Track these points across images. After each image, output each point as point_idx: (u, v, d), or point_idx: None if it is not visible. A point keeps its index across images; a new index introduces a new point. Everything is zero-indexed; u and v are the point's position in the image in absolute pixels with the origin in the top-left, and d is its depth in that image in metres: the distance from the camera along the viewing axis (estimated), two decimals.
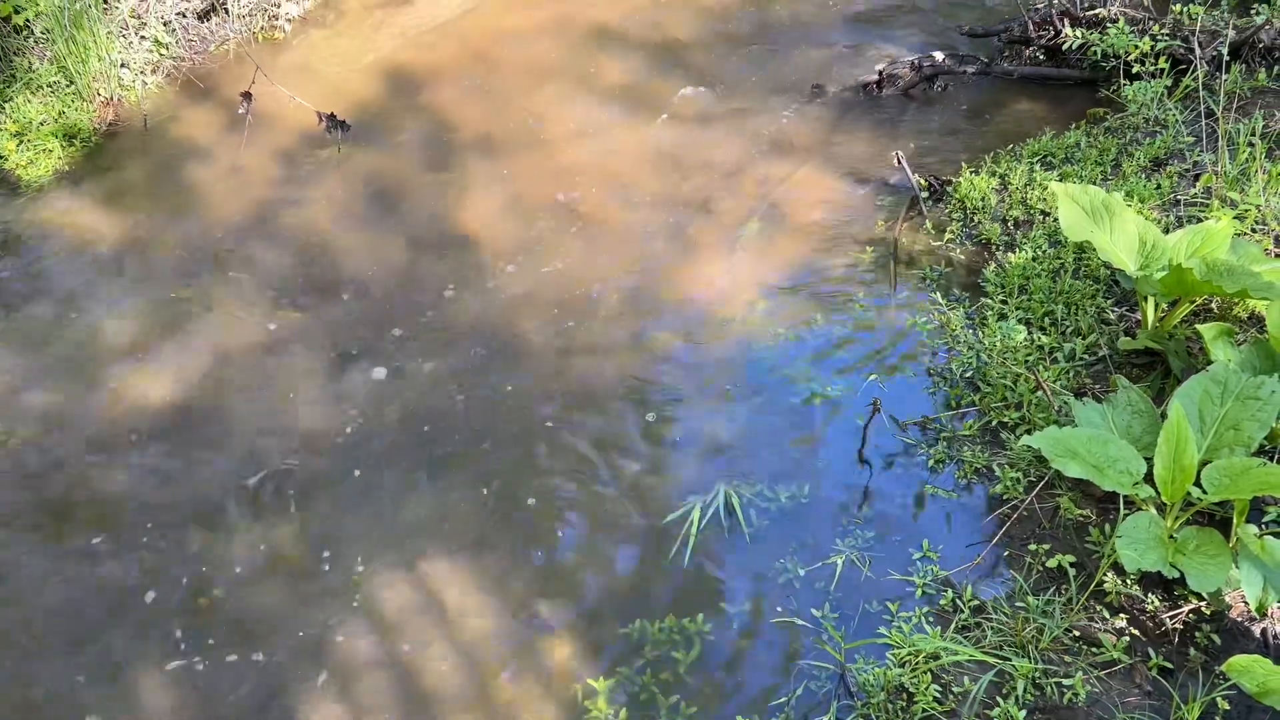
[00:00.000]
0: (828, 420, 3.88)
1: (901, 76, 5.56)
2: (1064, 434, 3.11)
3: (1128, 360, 3.79)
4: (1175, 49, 5.01)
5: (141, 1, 5.83)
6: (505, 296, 4.46)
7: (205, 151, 5.31)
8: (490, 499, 3.66)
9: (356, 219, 4.89)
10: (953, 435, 3.72)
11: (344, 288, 4.53)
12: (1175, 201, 4.34)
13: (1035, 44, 5.57)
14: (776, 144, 5.26)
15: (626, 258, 4.63)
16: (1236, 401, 3.09)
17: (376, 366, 4.17)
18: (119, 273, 4.63)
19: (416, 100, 5.65)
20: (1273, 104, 4.81)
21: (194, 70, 5.84)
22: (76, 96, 5.39)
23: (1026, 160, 4.84)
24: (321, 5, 6.44)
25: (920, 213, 4.73)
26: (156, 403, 4.05)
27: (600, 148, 5.28)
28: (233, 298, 4.49)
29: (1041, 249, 4.29)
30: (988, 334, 3.98)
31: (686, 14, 6.33)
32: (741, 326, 4.28)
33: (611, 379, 4.09)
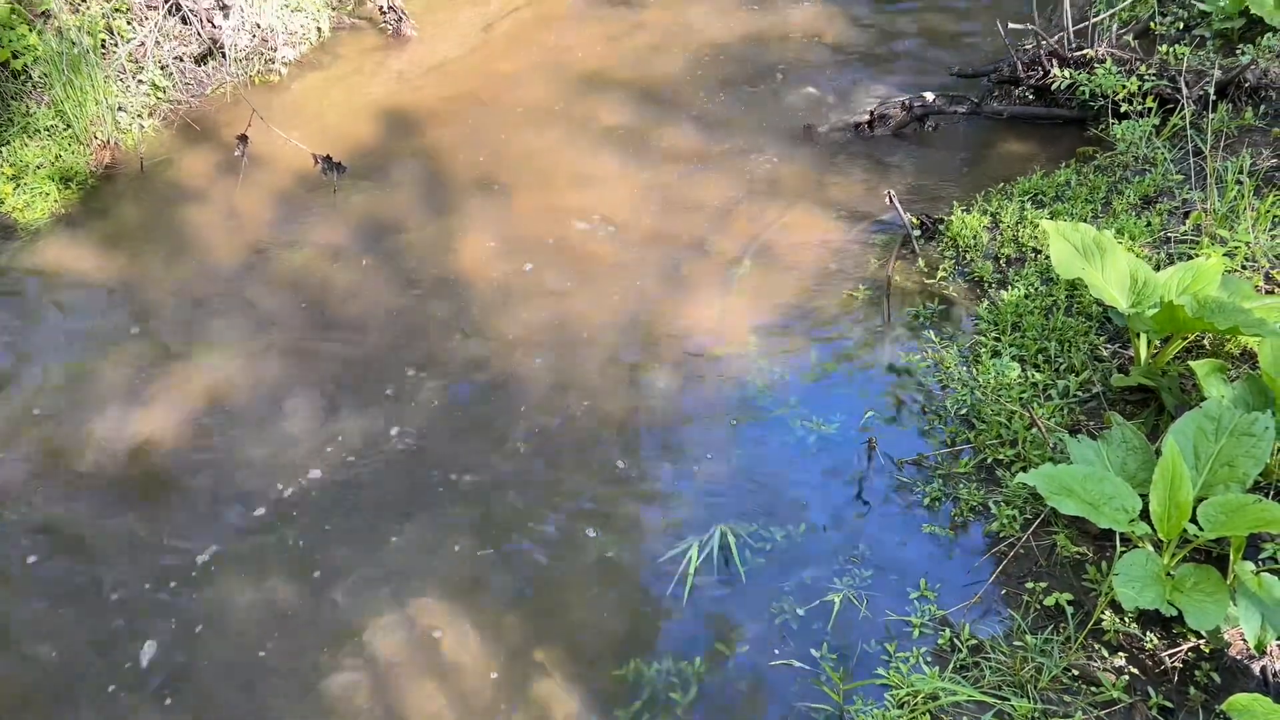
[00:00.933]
0: (823, 458, 3.87)
1: (893, 116, 5.62)
2: (1059, 471, 3.11)
3: (1121, 397, 3.79)
4: (1162, 89, 5.07)
5: (139, 46, 5.89)
6: (499, 335, 4.47)
7: (201, 193, 5.34)
8: (485, 539, 3.64)
9: (352, 260, 4.91)
10: (948, 473, 3.71)
11: (339, 328, 4.54)
12: (1165, 239, 4.37)
13: (1024, 84, 5.63)
14: (769, 183, 5.30)
15: (621, 296, 4.64)
16: (1231, 438, 3.10)
17: (371, 407, 4.16)
18: (113, 315, 4.64)
19: (412, 142, 5.69)
20: (1259, 142, 4.86)
21: (191, 113, 5.88)
22: (74, 140, 5.42)
23: (1017, 198, 4.87)
24: (318, 49, 6.50)
25: (913, 251, 4.76)
26: (147, 444, 4.04)
27: (594, 188, 5.31)
28: (227, 339, 4.49)
29: (1034, 286, 4.31)
30: (982, 371, 3.99)
31: (679, 57, 6.39)
32: (736, 364, 4.29)
33: (607, 417, 4.09)
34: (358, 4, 6.93)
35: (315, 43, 6.53)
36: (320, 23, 6.57)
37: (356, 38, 6.65)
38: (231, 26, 6.12)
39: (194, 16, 6.07)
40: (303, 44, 6.45)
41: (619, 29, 6.73)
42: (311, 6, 6.52)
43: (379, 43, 6.60)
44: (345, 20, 6.78)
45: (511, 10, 6.92)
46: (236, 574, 3.57)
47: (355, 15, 6.84)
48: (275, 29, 6.25)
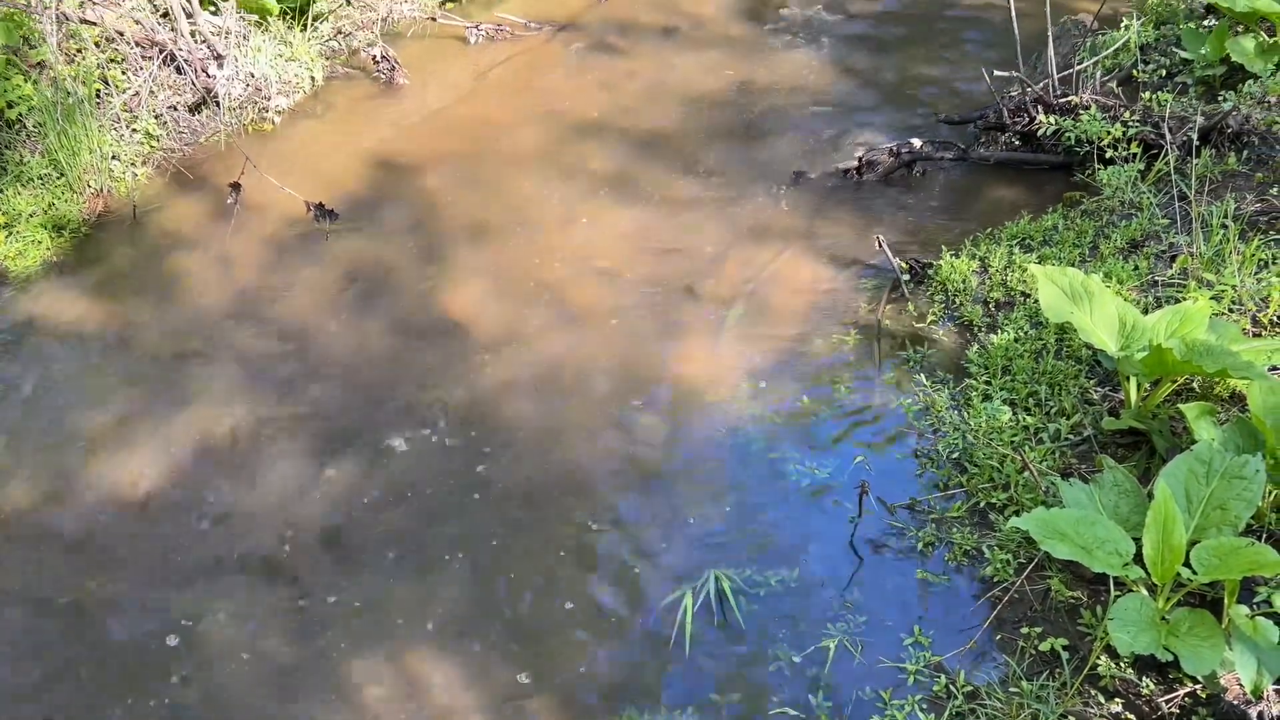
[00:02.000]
0: (816, 503, 3.87)
1: (881, 162, 5.68)
2: (1052, 515, 3.11)
3: (1112, 440, 3.80)
4: (1146, 134, 5.14)
5: (134, 95, 5.94)
6: (491, 381, 4.47)
7: (193, 241, 5.35)
8: (476, 587, 3.61)
9: (343, 307, 4.91)
10: (941, 517, 3.71)
11: (329, 375, 4.53)
12: (1153, 282, 4.41)
13: (1010, 130, 5.70)
14: (759, 229, 5.34)
15: (612, 342, 4.65)
16: (1222, 480, 3.10)
17: (361, 454, 4.15)
18: (103, 363, 4.63)
19: (404, 189, 5.73)
20: (1243, 187, 4.92)
21: (184, 161, 5.92)
22: (67, 188, 5.44)
23: (1005, 243, 4.92)
24: (311, 98, 6.56)
25: (902, 295, 4.79)
26: (136, 494, 4.01)
27: (586, 234, 5.35)
28: (217, 387, 4.48)
29: (1023, 330, 4.33)
30: (973, 415, 4.00)
31: (670, 105, 6.47)
32: (728, 409, 4.29)
33: (599, 463, 4.08)
34: (351, 54, 7.01)
35: (309, 91, 6.58)
36: (314, 72, 6.63)
37: (350, 87, 6.72)
38: (225, 76, 6.17)
39: (188, 67, 6.12)
40: (296, 93, 6.50)
41: (610, 77, 6.81)
42: (305, 56, 6.59)
43: (372, 91, 6.66)
44: (339, 70, 6.85)
45: (503, 59, 7.01)
46: (223, 626, 3.53)
47: (349, 65, 6.91)
48: (269, 78, 6.31)
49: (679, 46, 7.18)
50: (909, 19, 7.51)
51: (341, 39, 7.07)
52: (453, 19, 7.39)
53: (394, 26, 7.32)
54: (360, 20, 7.17)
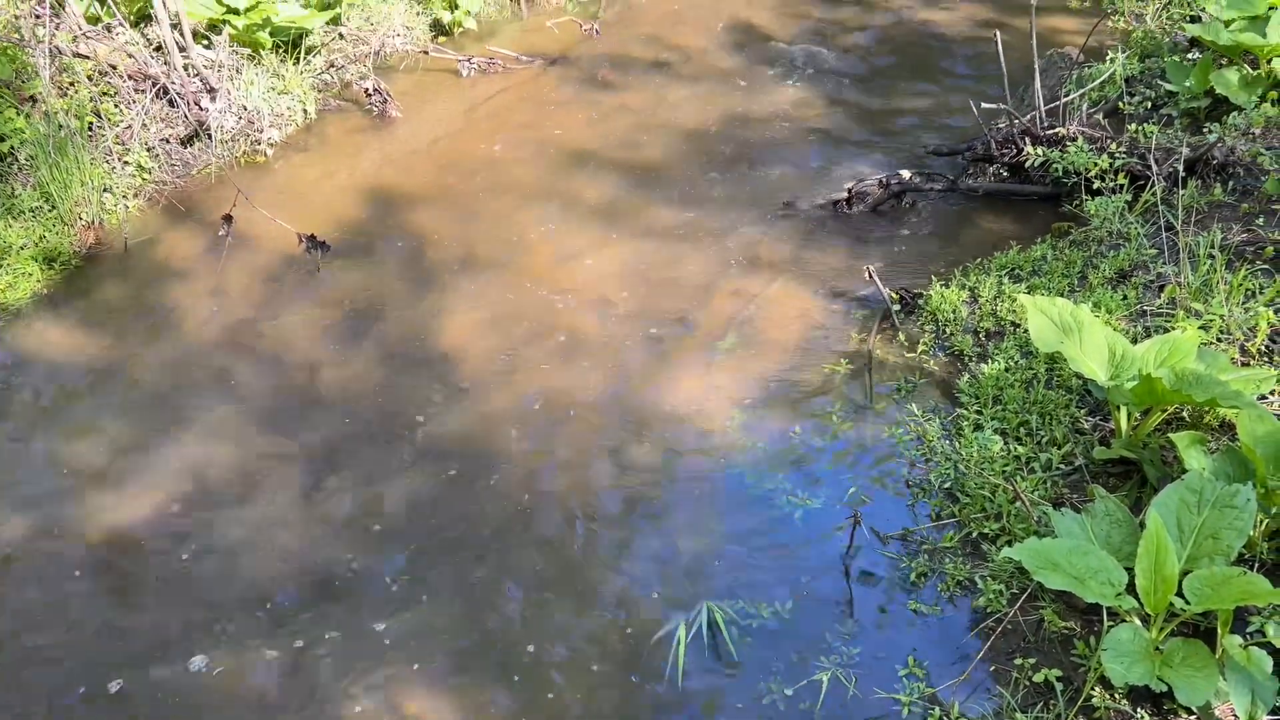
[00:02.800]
0: (809, 533, 3.86)
1: (870, 194, 5.72)
2: (1044, 545, 3.11)
3: (1103, 469, 3.81)
4: (1133, 166, 5.19)
5: (126, 129, 5.95)
6: (484, 412, 4.46)
7: (185, 273, 5.35)
8: (469, 620, 3.59)
9: (336, 338, 4.91)
10: (934, 547, 3.70)
11: (320, 407, 4.52)
12: (1142, 312, 4.43)
13: (999, 161, 5.75)
14: (750, 259, 5.36)
15: (605, 372, 4.65)
16: (1213, 510, 3.10)
17: (353, 487, 4.13)
18: (93, 395, 4.61)
19: (396, 221, 5.75)
20: (1229, 217, 4.96)
21: (176, 193, 5.93)
22: (58, 221, 5.44)
23: (995, 273, 4.94)
24: (304, 130, 6.59)
25: (893, 325, 4.81)
26: (127, 529, 3.98)
27: (578, 265, 5.36)
28: (208, 419, 4.47)
29: (1013, 360, 4.35)
30: (964, 444, 4.00)
31: (661, 137, 6.51)
32: (720, 440, 4.29)
33: (591, 495, 4.07)
34: (344, 87, 7.05)
35: (301, 124, 6.62)
36: (306, 105, 6.67)
37: (342, 119, 6.75)
38: (218, 109, 6.20)
39: (181, 100, 6.15)
40: (289, 125, 6.54)
41: (602, 110, 6.86)
42: (298, 89, 6.62)
43: (364, 124, 6.69)
44: (331, 103, 6.89)
45: (496, 92, 7.05)
46: (220, 662, 3.49)
47: (341, 98, 6.95)
48: (261, 111, 6.34)
49: (670, 80, 7.24)
50: (897, 52, 7.59)
51: (334, 72, 7.11)
52: (445, 53, 7.44)
53: (386, 60, 7.37)
54: (353, 54, 7.22)
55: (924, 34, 7.84)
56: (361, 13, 7.50)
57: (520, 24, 8.14)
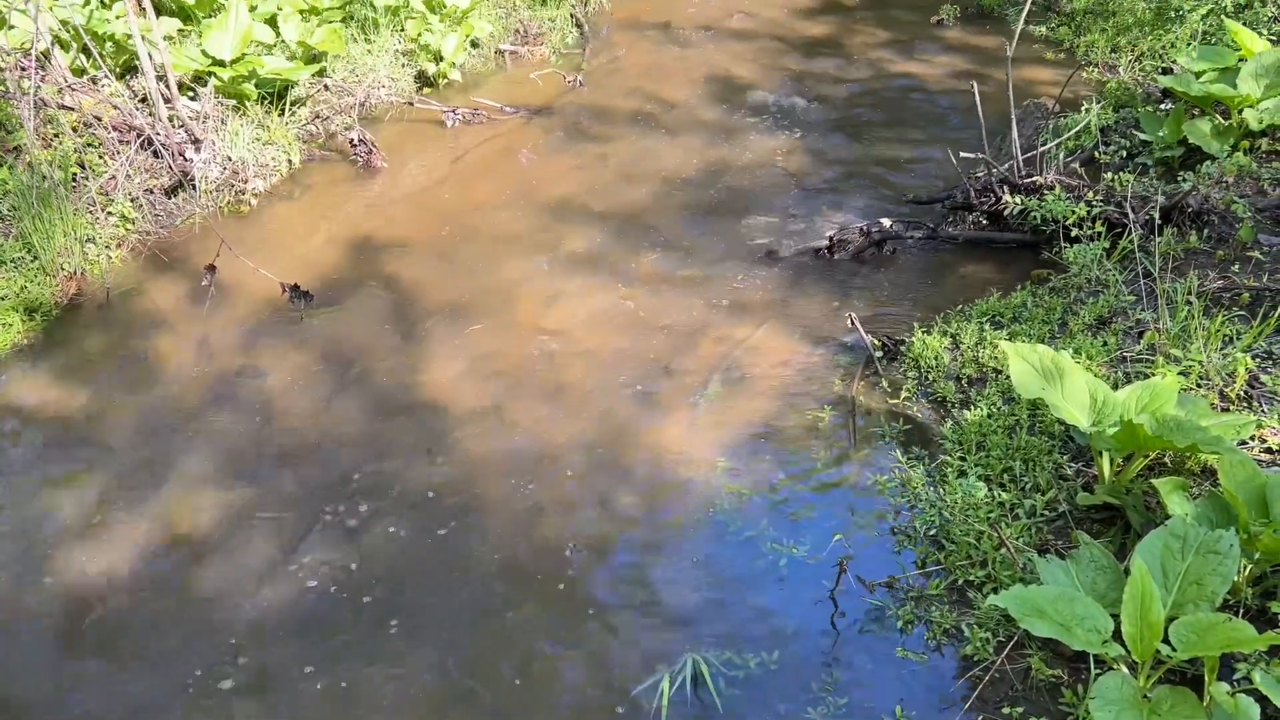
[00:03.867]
0: (794, 581, 3.84)
1: (852, 241, 5.76)
2: (1030, 593, 3.10)
3: (1087, 515, 3.81)
4: (1110, 213, 5.25)
5: (110, 179, 5.96)
6: (468, 461, 4.44)
7: (167, 323, 5.34)
8: (453, 673, 3.54)
9: (318, 388, 4.89)
10: (920, 594, 3.69)
11: (304, 458, 4.49)
12: (1122, 358, 4.47)
13: (978, 209, 5.82)
14: (734, 306, 5.39)
15: (589, 419, 4.65)
16: (1197, 556, 3.11)
17: (335, 536, 4.09)
18: (73, 447, 4.56)
19: (380, 270, 5.75)
20: (1205, 264, 5.02)
21: (159, 243, 5.93)
22: (40, 271, 5.43)
23: (976, 320, 4.98)
24: (288, 180, 6.62)
25: (876, 372, 4.83)
26: (108, 582, 3.93)
27: (563, 312, 5.37)
28: (189, 470, 4.43)
29: (996, 406, 4.37)
30: (949, 491, 4.01)
31: (645, 186, 6.57)
32: (705, 487, 4.27)
33: (575, 543, 4.04)
34: (329, 137, 7.09)
35: (286, 174, 6.64)
36: (291, 155, 6.70)
37: (327, 169, 6.78)
38: (203, 159, 6.22)
39: (165, 151, 6.17)
40: (273, 175, 6.56)
41: (586, 160, 6.92)
42: (283, 140, 6.66)
43: (349, 174, 6.73)
44: (316, 153, 6.92)
45: (480, 142, 7.11)
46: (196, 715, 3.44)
47: (326, 148, 6.99)
48: (246, 161, 6.37)
49: (653, 130, 7.32)
50: (876, 103, 7.70)
51: (319, 123, 7.16)
52: (430, 103, 7.51)
53: (372, 111, 7.43)
54: (338, 105, 7.28)
55: (903, 85, 7.97)
56: (347, 65, 7.57)
57: (505, 76, 8.23)
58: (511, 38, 8.61)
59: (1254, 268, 4.92)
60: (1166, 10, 8.04)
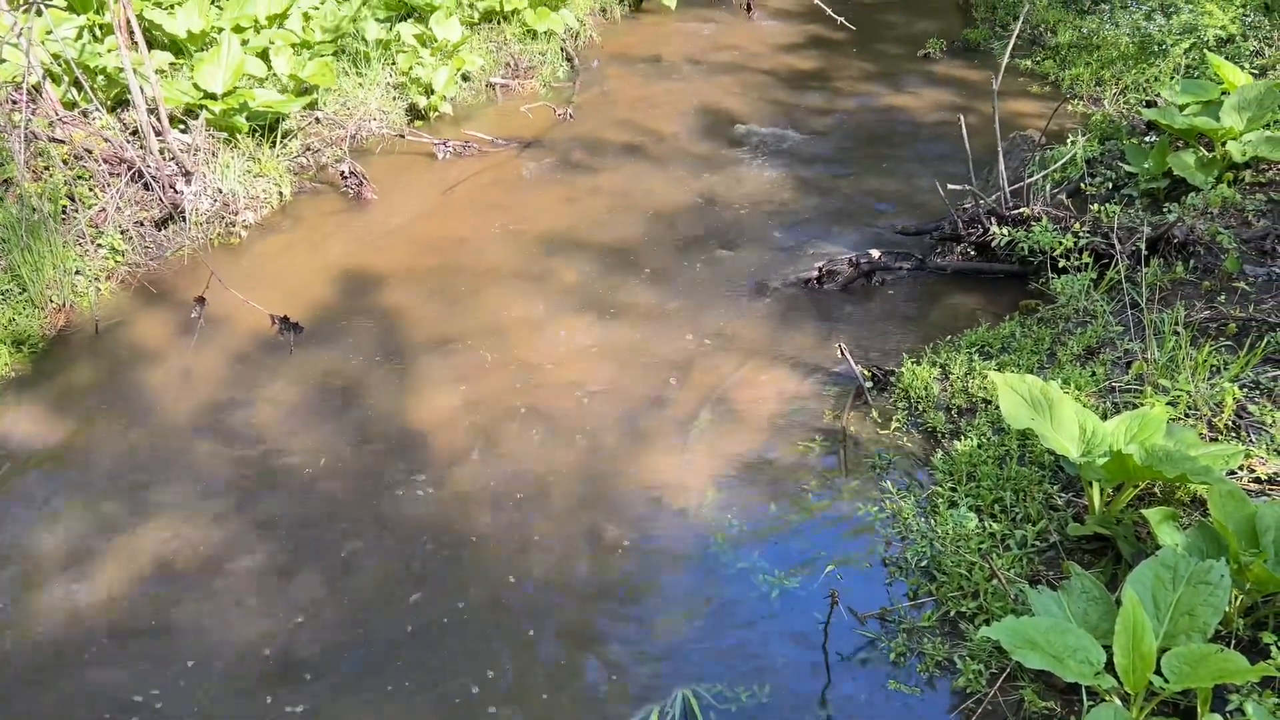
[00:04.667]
0: (786, 613, 3.82)
1: (840, 272, 5.79)
2: (1022, 624, 3.09)
3: (1078, 545, 3.81)
4: (1097, 244, 5.29)
5: (100, 211, 5.96)
6: (457, 494, 4.42)
7: (156, 356, 5.32)
8: (438, 707, 3.51)
9: (307, 420, 4.87)
10: (912, 626, 3.67)
11: (292, 491, 4.47)
12: (1110, 388, 4.48)
13: (966, 241, 5.85)
14: (724, 338, 5.40)
15: (579, 452, 4.64)
16: (1188, 586, 3.11)
17: (324, 571, 4.06)
18: (60, 479, 4.53)
19: (370, 302, 5.75)
20: (1191, 295, 5.06)
21: (149, 275, 5.92)
22: (29, 303, 5.41)
23: (965, 350, 5.00)
24: (278, 212, 6.63)
25: (866, 402, 4.83)
26: (94, 617, 3.89)
27: (552, 345, 5.37)
28: (177, 503, 4.40)
29: (986, 436, 4.37)
30: (940, 522, 4.00)
31: (635, 218, 6.59)
32: (696, 519, 4.26)
33: (565, 577, 4.01)
34: (319, 169, 7.12)
35: (276, 206, 6.65)
36: (282, 187, 6.71)
37: (317, 201, 6.80)
38: (193, 192, 6.23)
39: (156, 183, 6.18)
40: (264, 207, 6.57)
41: (576, 192, 6.95)
42: (274, 172, 6.68)
43: (340, 206, 6.74)
44: (307, 185, 6.94)
45: (471, 175, 7.14)
46: None
47: (317, 180, 7.01)
48: (237, 193, 6.38)
49: (643, 162, 7.36)
50: (864, 136, 7.77)
51: (310, 155, 7.18)
52: (421, 136, 7.54)
53: (363, 143, 7.46)
54: (329, 137, 7.31)
55: (890, 118, 8.04)
56: (338, 97, 7.61)
57: (496, 109, 8.28)
58: (502, 71, 8.67)
59: (1240, 298, 4.95)
60: (1149, 45, 8.16)
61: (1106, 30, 8.68)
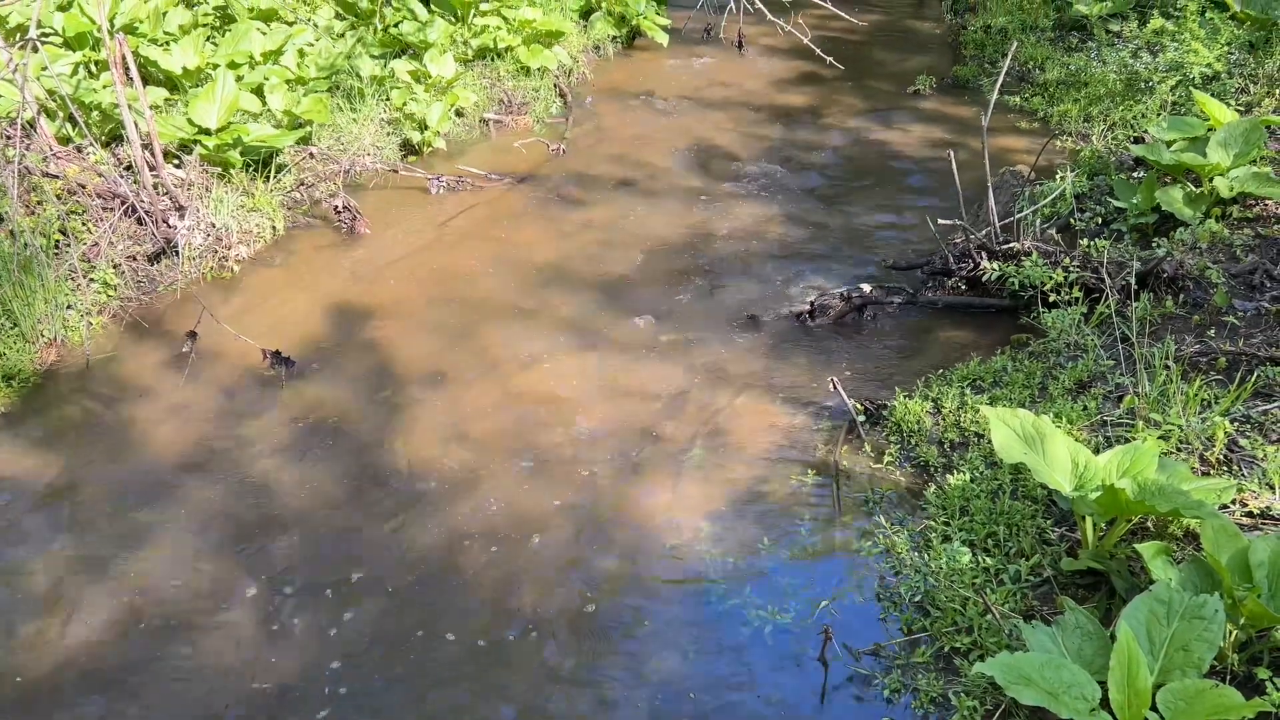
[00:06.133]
0: (780, 649, 3.79)
1: (832, 307, 5.81)
2: (1017, 660, 3.08)
3: (1072, 580, 3.80)
4: (1087, 279, 5.32)
5: (93, 246, 5.97)
6: (448, 529, 4.40)
7: (147, 390, 5.30)
8: None
9: (298, 456, 4.85)
10: (906, 662, 3.65)
11: (282, 527, 4.44)
12: (1102, 422, 4.49)
13: (957, 275, 5.88)
14: (716, 372, 5.40)
15: (572, 485, 4.62)
16: (1183, 621, 3.10)
17: (315, 608, 4.03)
18: (49, 516, 4.50)
19: (362, 336, 5.75)
20: (1181, 329, 5.08)
21: (141, 310, 5.91)
22: (20, 338, 5.39)
23: (957, 384, 5.00)
24: (272, 246, 6.63)
25: (859, 436, 4.83)
26: (78, 657, 3.84)
27: (546, 378, 5.37)
28: (167, 540, 4.37)
29: (979, 470, 4.37)
30: (933, 557, 3.99)
31: (628, 252, 6.62)
32: (688, 553, 4.24)
33: (556, 613, 3.99)
34: (313, 204, 7.13)
35: (270, 240, 6.66)
36: (275, 222, 6.73)
37: (311, 235, 6.81)
38: (186, 226, 6.24)
39: (149, 218, 6.19)
40: (257, 242, 6.58)
41: (569, 226, 6.98)
42: (267, 207, 6.69)
43: (333, 240, 6.75)
44: (300, 219, 6.95)
45: (464, 209, 7.16)
46: None
47: (310, 214, 7.03)
48: (230, 228, 6.39)
49: (635, 197, 7.40)
50: (854, 171, 7.83)
51: (304, 190, 7.20)
52: (415, 171, 7.58)
53: (356, 178, 7.48)
54: (323, 172, 7.33)
55: (880, 153, 8.11)
56: (332, 133, 7.64)
57: (489, 144, 8.32)
58: (496, 107, 8.73)
59: (1229, 332, 4.98)
60: (1136, 82, 8.25)
61: (1094, 67, 8.79)
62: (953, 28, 11.17)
